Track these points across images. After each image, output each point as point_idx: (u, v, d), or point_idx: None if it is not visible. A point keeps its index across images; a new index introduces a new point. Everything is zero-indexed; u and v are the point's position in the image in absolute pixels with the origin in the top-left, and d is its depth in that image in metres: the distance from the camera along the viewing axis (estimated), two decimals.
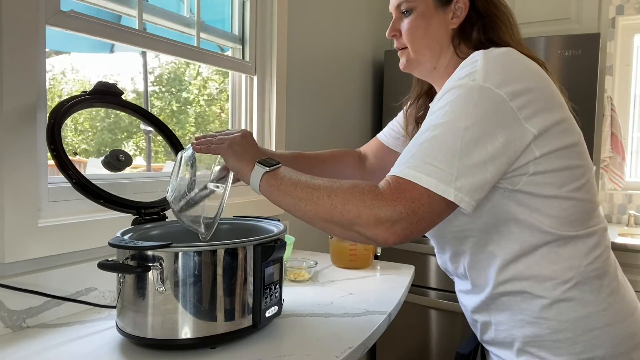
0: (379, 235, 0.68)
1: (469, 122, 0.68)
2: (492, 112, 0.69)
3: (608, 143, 2.39)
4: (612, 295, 0.77)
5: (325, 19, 1.96)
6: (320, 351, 0.81)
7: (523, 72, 0.73)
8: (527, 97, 0.71)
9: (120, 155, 0.94)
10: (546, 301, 0.76)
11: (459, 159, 0.67)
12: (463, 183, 0.67)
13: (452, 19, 0.85)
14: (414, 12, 0.86)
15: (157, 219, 0.98)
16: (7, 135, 0.86)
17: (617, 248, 2.16)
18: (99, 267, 0.75)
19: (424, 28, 0.86)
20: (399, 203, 0.67)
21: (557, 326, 0.76)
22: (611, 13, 2.66)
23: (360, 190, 0.70)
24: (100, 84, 0.97)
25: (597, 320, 0.76)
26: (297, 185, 0.76)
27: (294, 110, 1.78)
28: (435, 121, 0.71)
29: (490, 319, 0.84)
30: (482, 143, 0.68)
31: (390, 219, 0.67)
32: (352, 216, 0.69)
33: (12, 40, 0.86)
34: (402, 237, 0.68)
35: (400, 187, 0.68)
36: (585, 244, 0.77)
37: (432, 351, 2.24)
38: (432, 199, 0.67)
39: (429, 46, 0.87)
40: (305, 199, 0.74)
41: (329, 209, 0.71)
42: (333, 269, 1.39)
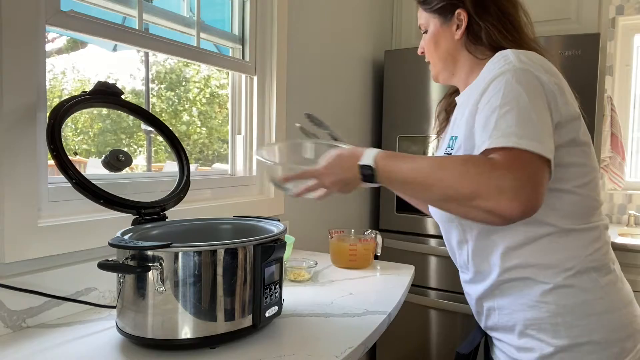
0: (502, 206, 0.66)
1: (530, 96, 0.74)
2: (538, 86, 0.76)
3: (608, 143, 2.39)
4: (609, 286, 0.83)
5: (325, 19, 1.96)
6: (320, 351, 0.81)
7: (547, 65, 0.82)
8: (554, 85, 0.79)
9: (120, 155, 0.94)
10: (547, 287, 0.81)
11: (537, 124, 0.72)
12: (549, 145, 0.72)
13: (456, 31, 0.93)
14: (428, 32, 0.98)
15: (157, 219, 0.98)
16: (7, 135, 0.86)
17: (617, 248, 2.15)
18: (99, 267, 0.75)
19: (434, 44, 0.97)
20: (518, 170, 0.67)
21: (556, 310, 0.81)
22: (611, 13, 2.66)
23: (474, 162, 0.70)
24: (100, 84, 0.97)
25: (594, 307, 0.81)
26: (406, 181, 0.76)
27: (294, 110, 1.78)
28: (499, 102, 0.74)
29: (494, 304, 0.89)
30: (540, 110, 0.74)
31: (514, 187, 0.66)
32: (470, 190, 0.68)
33: (12, 40, 0.86)
34: (526, 206, 0.66)
35: (509, 157, 0.69)
36: (587, 237, 0.82)
37: (432, 351, 2.24)
38: (538, 162, 0.70)
39: (442, 58, 0.97)
40: (418, 188, 0.75)
41: (443, 189, 0.71)
42: (333, 269, 1.39)
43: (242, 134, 1.63)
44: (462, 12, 0.92)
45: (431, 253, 2.22)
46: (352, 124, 2.24)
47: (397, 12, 2.56)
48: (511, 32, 0.91)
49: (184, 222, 1.01)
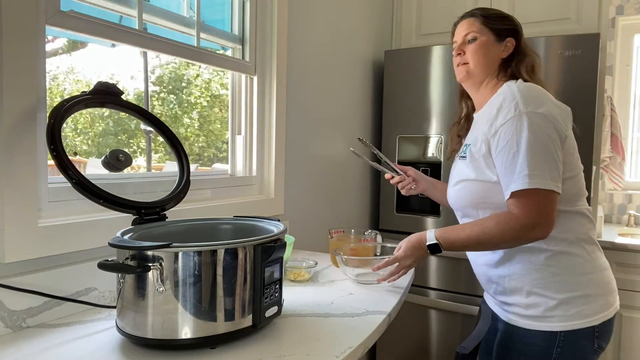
0: (532, 236, 1.01)
1: (537, 141, 1.01)
2: (543, 128, 1.02)
3: (608, 143, 2.39)
4: (594, 253, 1.11)
5: (325, 19, 1.96)
6: (320, 351, 0.81)
7: (545, 99, 1.07)
8: (553, 114, 1.04)
9: (120, 155, 0.94)
10: (549, 253, 1.07)
11: (545, 163, 1.00)
12: (555, 177, 1.01)
13: (503, 51, 1.18)
14: (478, 40, 1.18)
15: (157, 219, 0.98)
16: (7, 135, 0.86)
17: (617, 248, 2.15)
18: (99, 267, 0.75)
19: (485, 51, 1.18)
20: (533, 212, 1.00)
21: (557, 271, 1.07)
22: (611, 13, 2.66)
23: (505, 222, 1.02)
24: (100, 84, 0.97)
25: (584, 268, 1.07)
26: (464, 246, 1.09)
27: (294, 110, 1.78)
28: (513, 149, 1.03)
29: (505, 272, 1.12)
30: (549, 150, 1.01)
31: (535, 224, 1.00)
32: (511, 240, 1.03)
33: (12, 40, 0.86)
34: (546, 230, 1.01)
35: (526, 201, 1.00)
36: (577, 216, 1.10)
37: (432, 351, 2.24)
38: (549, 196, 1.00)
39: (485, 65, 1.18)
40: (473, 248, 1.13)
41: (494, 244, 1.05)
42: (333, 269, 1.39)
43: (242, 134, 1.63)
44: (512, 40, 1.18)
45: None
46: (352, 124, 2.24)
47: (397, 12, 2.56)
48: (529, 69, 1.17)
49: (184, 222, 1.01)
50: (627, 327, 2.18)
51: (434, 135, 2.22)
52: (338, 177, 2.13)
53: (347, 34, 2.15)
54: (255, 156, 1.64)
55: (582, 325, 1.05)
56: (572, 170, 1.09)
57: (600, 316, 1.06)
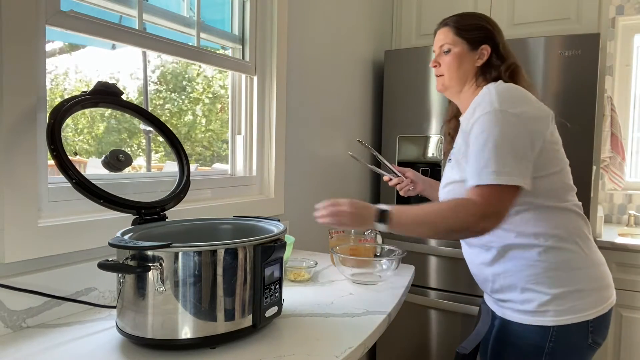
0: (485, 227, 1.00)
1: (505, 135, 1.01)
2: (513, 125, 1.02)
3: (608, 143, 2.39)
4: (587, 248, 1.10)
5: (325, 19, 1.96)
6: (320, 351, 0.81)
7: (523, 97, 1.07)
8: (527, 114, 1.04)
9: (120, 155, 0.94)
10: (542, 249, 1.07)
11: (512, 158, 1.00)
12: (522, 172, 1.00)
13: (478, 59, 1.19)
14: (452, 51, 1.19)
15: (157, 219, 0.98)
16: (7, 135, 0.86)
17: (617, 248, 2.15)
18: (99, 267, 0.75)
19: (458, 63, 1.19)
20: (490, 205, 0.99)
21: (549, 266, 1.07)
22: (611, 13, 2.66)
23: (463, 206, 1.01)
24: (100, 84, 0.97)
25: (577, 263, 1.07)
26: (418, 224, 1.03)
27: (294, 110, 1.78)
28: (482, 142, 1.03)
29: (499, 269, 1.12)
30: (518, 145, 1.01)
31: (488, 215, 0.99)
32: (464, 225, 1.00)
33: (12, 40, 0.86)
34: (498, 222, 1.01)
35: (486, 194, 1.00)
36: (567, 212, 1.09)
37: (432, 351, 2.24)
38: (508, 190, 1.00)
39: (460, 76, 1.20)
40: (426, 231, 1.04)
41: (445, 227, 1.02)
42: (333, 269, 1.39)
43: (242, 134, 1.63)
44: (487, 47, 1.18)
45: (431, 253, 2.22)
46: (352, 124, 2.24)
47: (397, 12, 2.56)
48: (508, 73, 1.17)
49: (184, 222, 1.01)
50: (627, 327, 2.18)
51: (434, 135, 2.22)
52: (338, 177, 2.13)
53: (347, 34, 2.15)
54: (255, 156, 1.65)
55: (575, 320, 1.05)
56: (556, 165, 1.09)
57: (594, 311, 1.06)
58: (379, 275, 1.27)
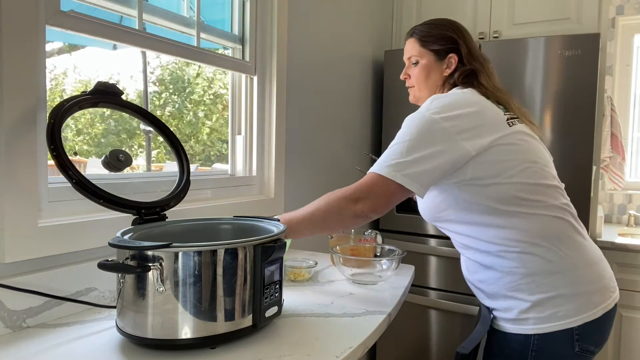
0: (358, 209, 1.01)
1: (413, 136, 1.02)
2: (428, 130, 1.02)
3: (608, 143, 2.39)
4: (568, 250, 1.04)
5: (325, 18, 1.96)
6: (320, 351, 0.81)
7: (460, 103, 1.05)
8: (456, 119, 1.02)
9: (120, 155, 0.94)
10: (515, 255, 1.03)
11: (406, 157, 1.00)
12: (408, 172, 0.99)
13: (445, 69, 1.19)
14: (419, 63, 1.21)
15: (157, 219, 0.98)
16: (7, 135, 0.86)
17: (617, 248, 2.16)
18: (99, 267, 0.75)
19: (426, 75, 1.21)
20: (365, 189, 1.02)
21: (527, 272, 1.03)
22: (611, 13, 2.66)
23: (334, 193, 1.05)
24: (100, 84, 0.97)
25: (556, 267, 1.02)
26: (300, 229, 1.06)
27: (294, 110, 1.78)
28: (395, 140, 1.05)
29: (482, 277, 1.11)
30: (421, 147, 1.00)
31: (362, 198, 1.01)
32: (338, 209, 1.02)
33: (12, 40, 0.86)
34: (372, 206, 1.01)
35: (366, 180, 1.03)
36: (538, 215, 1.04)
37: (432, 351, 2.24)
38: (387, 182, 1.00)
39: (428, 87, 1.22)
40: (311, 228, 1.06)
41: (329, 223, 1.06)
42: (333, 269, 1.39)
43: (242, 134, 1.63)
44: (454, 56, 1.18)
45: (431, 253, 2.22)
46: (352, 124, 2.24)
47: (397, 12, 2.56)
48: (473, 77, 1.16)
49: (184, 222, 1.01)
50: (627, 327, 2.18)
51: None
52: (338, 176, 2.13)
53: (347, 34, 2.15)
54: (255, 156, 1.65)
55: (557, 327, 1.00)
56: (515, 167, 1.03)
57: (580, 317, 1.01)
58: (379, 275, 1.27)
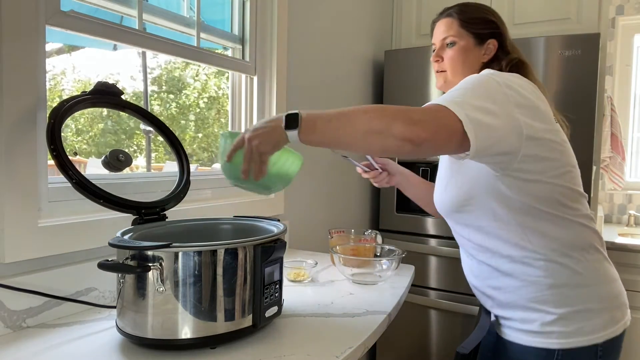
0: (413, 131, 0.78)
1: (477, 89, 0.88)
2: (492, 89, 0.88)
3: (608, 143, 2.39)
4: (597, 263, 0.98)
5: (325, 18, 1.96)
6: (320, 351, 0.81)
7: (519, 82, 0.93)
8: (517, 91, 0.90)
9: (120, 155, 0.94)
10: (543, 263, 0.95)
11: (470, 100, 0.85)
12: (471, 114, 0.82)
13: (484, 55, 1.10)
14: (457, 45, 1.10)
15: (157, 219, 0.98)
16: (7, 135, 0.86)
17: (617, 248, 2.16)
18: (99, 267, 0.75)
19: (463, 58, 1.09)
20: (427, 112, 0.82)
21: (554, 283, 0.95)
22: (611, 13, 2.66)
23: (392, 105, 0.83)
24: (100, 84, 0.97)
25: (586, 280, 0.96)
26: (331, 120, 0.81)
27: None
28: (454, 90, 0.89)
29: (498, 283, 1.01)
30: (485, 100, 0.86)
31: (421, 120, 0.80)
32: (388, 121, 0.79)
33: (12, 40, 0.86)
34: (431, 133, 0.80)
35: (428, 106, 0.85)
36: (573, 223, 0.96)
37: (432, 351, 2.24)
38: (450, 115, 0.82)
39: (464, 72, 1.09)
40: (342, 126, 0.80)
41: (367, 121, 0.80)
42: (333, 269, 1.39)
43: None
44: (494, 42, 1.09)
45: (431, 253, 2.22)
46: None
47: (397, 12, 2.56)
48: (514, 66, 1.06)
49: (184, 222, 1.01)
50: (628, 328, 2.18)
51: None
52: (338, 177, 2.13)
53: (347, 34, 2.15)
54: None
55: (582, 343, 0.94)
56: (561, 167, 0.95)
57: (605, 333, 0.95)
58: (379, 275, 1.27)
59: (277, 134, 0.81)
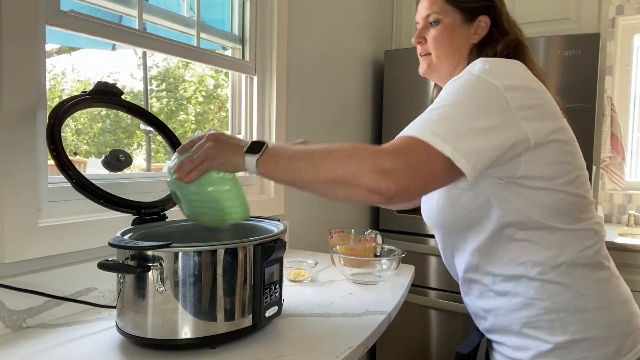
0: (382, 185, 0.68)
1: (467, 101, 0.75)
2: (487, 96, 0.75)
3: (608, 143, 2.39)
4: (603, 282, 0.83)
5: (325, 18, 1.96)
6: (320, 351, 0.81)
7: (520, 74, 0.81)
8: (518, 91, 0.77)
9: (120, 155, 0.94)
10: (539, 283, 0.81)
11: (457, 125, 0.72)
12: (460, 144, 0.71)
13: (474, 35, 0.94)
14: (441, 23, 0.95)
15: (157, 219, 0.98)
16: (7, 135, 0.86)
17: (617, 248, 2.15)
18: (99, 267, 0.75)
19: (449, 38, 0.95)
20: (400, 155, 0.70)
21: (551, 307, 0.81)
22: (611, 13, 2.66)
23: (362, 146, 0.72)
24: (100, 84, 0.97)
25: (588, 303, 0.81)
26: (293, 158, 0.74)
27: (294, 110, 1.78)
28: (437, 104, 0.77)
29: (489, 304, 0.88)
30: (478, 117, 0.73)
31: (392, 169, 0.68)
32: (355, 169, 0.69)
33: (12, 40, 0.86)
34: (404, 189, 0.69)
35: (402, 143, 0.72)
36: (577, 234, 0.82)
37: (432, 351, 2.24)
38: (431, 154, 0.70)
39: (450, 55, 0.95)
40: (304, 167, 0.73)
41: (331, 167, 0.71)
42: (333, 269, 1.39)
43: (242, 134, 1.63)
44: (486, 19, 0.94)
45: (431, 253, 2.22)
46: (352, 124, 2.24)
47: (397, 12, 2.56)
48: (512, 49, 0.92)
49: (184, 222, 1.01)
50: None
51: None
52: None
53: (347, 34, 2.15)
54: None
55: None
56: (569, 172, 0.82)
57: None
58: (379, 275, 1.27)
59: (233, 152, 0.78)
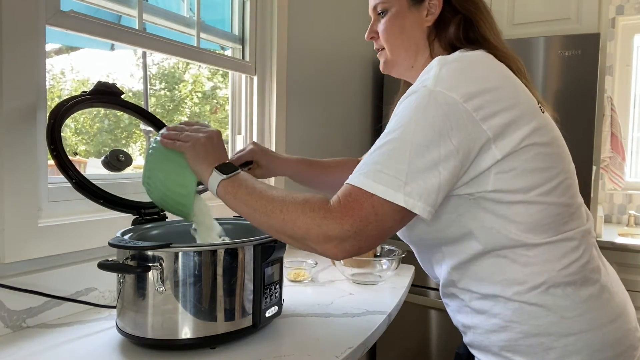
0: (328, 251, 0.69)
1: (419, 128, 0.68)
2: (442, 115, 0.68)
3: (608, 143, 2.39)
4: (589, 301, 0.74)
5: (325, 19, 1.96)
6: (320, 351, 0.81)
7: (480, 74, 0.72)
8: (483, 98, 0.69)
9: (120, 155, 0.94)
10: (517, 305, 0.73)
11: (408, 165, 0.66)
12: (413, 188, 0.66)
13: (427, 17, 0.84)
14: (388, 12, 0.86)
15: (157, 219, 0.98)
16: (7, 135, 0.86)
17: (617, 248, 2.15)
18: (99, 267, 0.75)
19: (398, 27, 0.85)
20: (347, 221, 0.67)
21: (530, 330, 0.73)
22: (611, 13, 2.66)
23: (310, 206, 0.69)
24: (100, 84, 0.97)
25: (571, 326, 0.72)
26: (252, 195, 0.75)
27: (294, 110, 1.78)
28: (389, 129, 0.71)
29: (468, 321, 0.81)
30: (432, 147, 0.67)
31: (339, 237, 0.67)
32: (302, 232, 0.69)
33: (12, 40, 0.86)
34: (351, 253, 0.69)
35: (349, 201, 0.68)
36: (559, 248, 0.74)
37: (432, 351, 2.24)
38: (382, 207, 0.66)
39: (404, 45, 0.86)
40: (259, 210, 0.73)
41: (280, 223, 0.71)
42: (333, 269, 1.39)
43: (242, 134, 1.63)
44: None
45: None
46: (352, 124, 2.24)
47: None
48: (485, 26, 0.82)
49: (184, 222, 1.01)
50: None
51: None
52: None
53: (347, 34, 2.15)
54: None
55: None
56: (549, 180, 0.73)
57: None
58: (379, 275, 1.27)
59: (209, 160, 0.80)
